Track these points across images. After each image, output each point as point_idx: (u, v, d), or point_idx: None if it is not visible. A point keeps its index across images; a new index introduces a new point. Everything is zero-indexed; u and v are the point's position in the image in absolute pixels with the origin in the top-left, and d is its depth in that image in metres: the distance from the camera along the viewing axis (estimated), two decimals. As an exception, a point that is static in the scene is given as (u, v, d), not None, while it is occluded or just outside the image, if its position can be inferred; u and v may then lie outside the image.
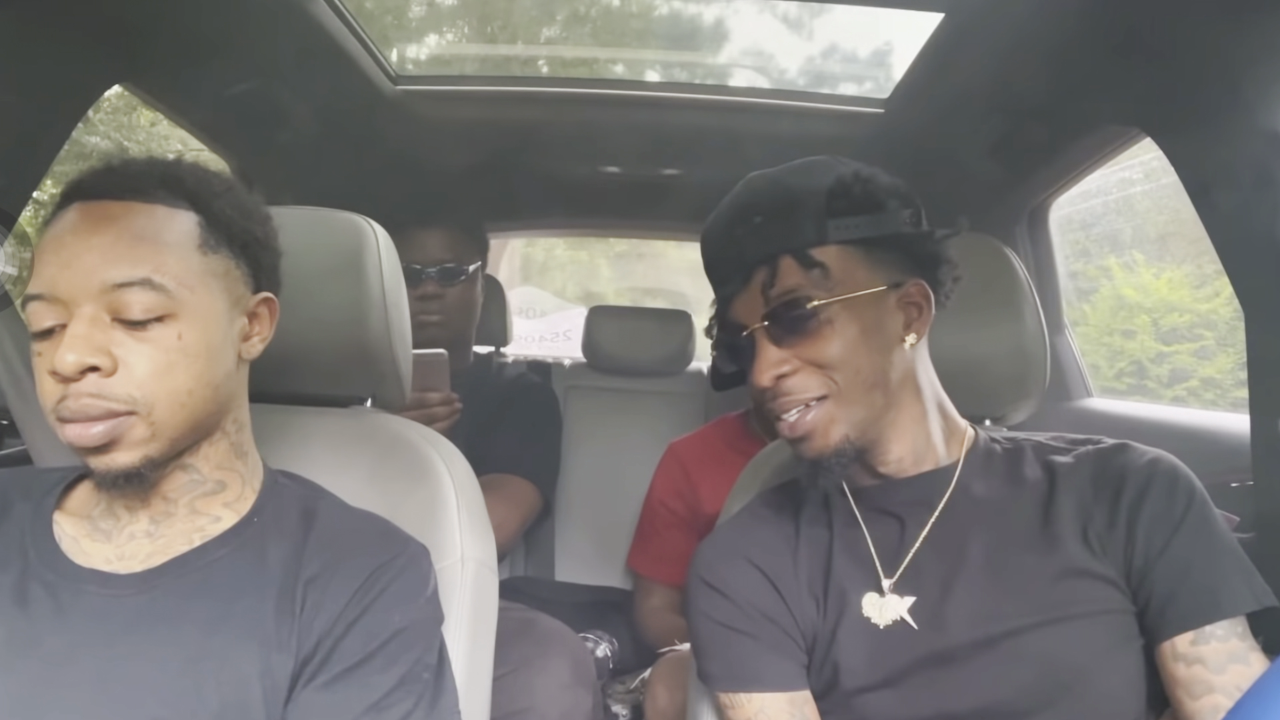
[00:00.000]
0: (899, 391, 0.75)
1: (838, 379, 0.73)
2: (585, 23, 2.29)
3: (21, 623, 0.65)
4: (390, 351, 0.90)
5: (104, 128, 4.15)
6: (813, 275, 0.73)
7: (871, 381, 0.73)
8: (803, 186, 0.76)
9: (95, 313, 0.62)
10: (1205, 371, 2.98)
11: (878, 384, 0.74)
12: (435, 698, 0.69)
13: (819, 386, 0.73)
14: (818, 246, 0.73)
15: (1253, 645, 0.68)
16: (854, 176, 0.76)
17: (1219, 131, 0.98)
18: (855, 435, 0.74)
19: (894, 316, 0.75)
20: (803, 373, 0.73)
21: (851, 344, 0.73)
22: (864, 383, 0.73)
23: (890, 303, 0.75)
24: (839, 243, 0.74)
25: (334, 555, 0.70)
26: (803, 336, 0.73)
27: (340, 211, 0.91)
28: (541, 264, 7.69)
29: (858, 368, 0.73)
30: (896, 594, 0.76)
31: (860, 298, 0.73)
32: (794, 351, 0.73)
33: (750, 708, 0.76)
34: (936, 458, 0.78)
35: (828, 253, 0.73)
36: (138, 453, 0.63)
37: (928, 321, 0.77)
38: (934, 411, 0.79)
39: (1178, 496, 0.71)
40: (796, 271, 0.73)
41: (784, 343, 0.74)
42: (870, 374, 0.73)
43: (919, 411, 0.77)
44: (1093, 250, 3.16)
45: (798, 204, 0.75)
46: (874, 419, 0.74)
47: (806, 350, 0.73)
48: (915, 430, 0.77)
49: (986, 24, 1.11)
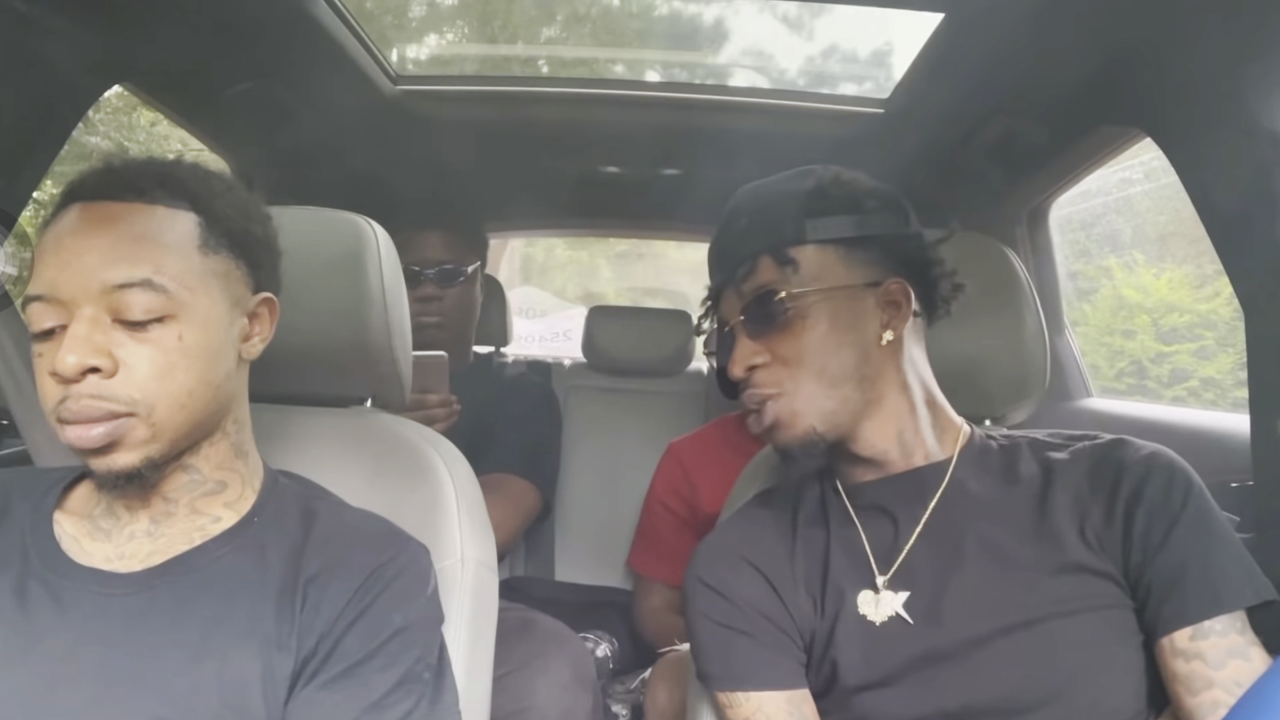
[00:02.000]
0: (877, 387, 0.77)
1: (799, 374, 0.75)
2: (585, 23, 2.29)
3: (22, 622, 0.65)
4: (390, 351, 0.90)
5: (104, 128, 4.16)
6: (786, 272, 0.76)
7: (839, 375, 0.75)
8: (785, 190, 0.80)
9: (95, 314, 0.62)
10: (1205, 371, 2.99)
11: (848, 378, 0.75)
12: (436, 697, 0.69)
13: (776, 381, 0.76)
14: (794, 246, 0.77)
15: (1252, 640, 0.67)
16: (833, 180, 0.80)
17: (1219, 132, 0.98)
18: (823, 427, 0.75)
19: (872, 314, 0.77)
20: (772, 366, 0.76)
21: (820, 338, 0.75)
22: (832, 376, 0.75)
23: (868, 301, 0.77)
24: (816, 242, 0.77)
25: (334, 554, 0.70)
26: (775, 330, 0.76)
27: (340, 211, 0.91)
28: (541, 264, 7.70)
29: (823, 362, 0.75)
30: (891, 590, 0.76)
31: (834, 294, 0.76)
32: (766, 344, 0.76)
33: (749, 706, 0.76)
34: (927, 453, 0.79)
35: (804, 252, 0.77)
36: (138, 454, 0.63)
37: (906, 319, 0.78)
38: (923, 407, 0.79)
39: (1175, 490, 0.70)
40: (772, 268, 0.77)
41: (758, 336, 0.77)
42: (839, 369, 0.75)
43: (903, 407, 0.78)
44: (1093, 250, 3.16)
45: (777, 206, 0.79)
46: (845, 412, 0.76)
47: (776, 344, 0.76)
48: (900, 425, 0.78)
49: (986, 24, 1.11)
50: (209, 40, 1.21)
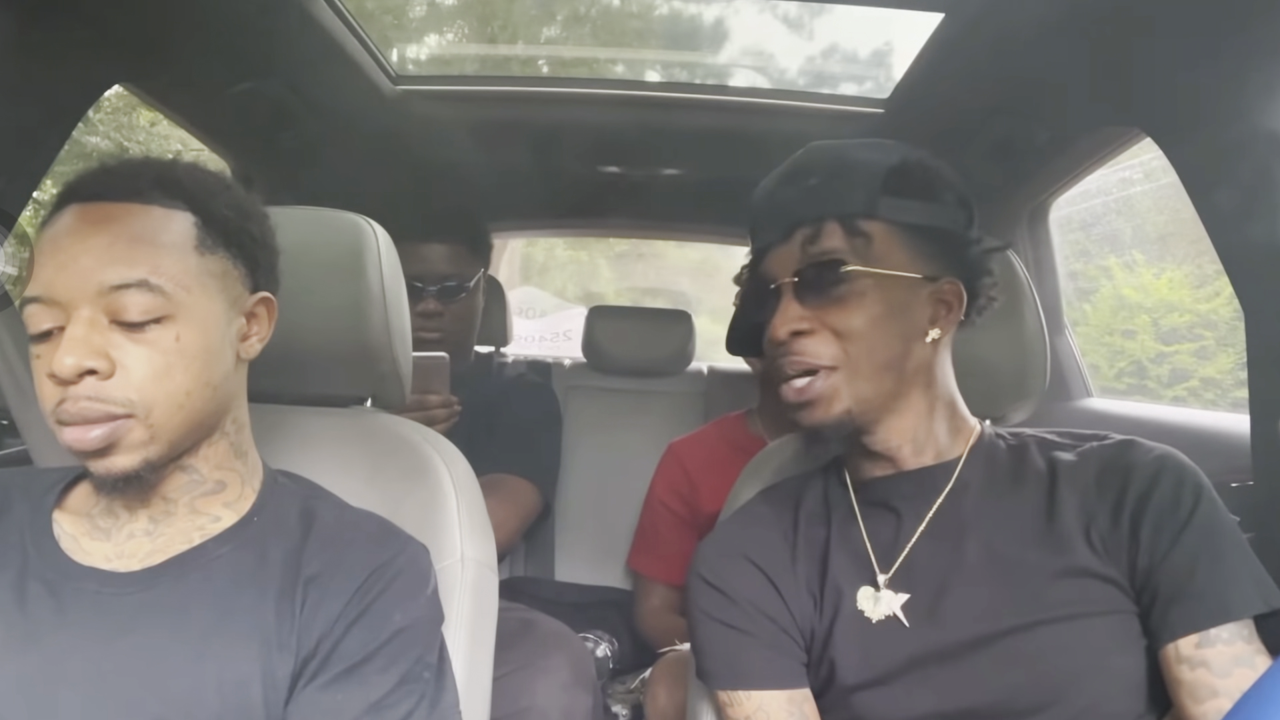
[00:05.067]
0: (911, 380, 0.75)
1: (852, 351, 0.73)
2: (585, 23, 2.29)
3: (21, 621, 0.65)
4: (390, 351, 0.90)
5: (104, 128, 4.16)
6: (855, 243, 0.73)
7: (885, 362, 0.73)
8: (863, 159, 0.76)
9: (93, 315, 0.62)
10: (1205, 371, 2.99)
11: (891, 366, 0.74)
12: (436, 697, 0.68)
13: (831, 355, 0.73)
14: (865, 218, 0.73)
15: (1259, 648, 0.66)
16: (917, 162, 0.76)
17: (1219, 131, 0.98)
18: (857, 411, 0.74)
19: (923, 308, 0.75)
20: (819, 336, 0.73)
21: (874, 320, 0.73)
22: (877, 362, 0.73)
23: (923, 294, 0.75)
24: (887, 220, 0.74)
25: (334, 554, 0.70)
26: (829, 300, 0.73)
27: (340, 211, 0.91)
28: (541, 264, 7.70)
29: (874, 345, 0.73)
30: (891, 590, 0.76)
31: (894, 278, 0.73)
32: (816, 313, 0.73)
33: (749, 705, 0.76)
34: (938, 452, 0.78)
35: (873, 226, 0.74)
36: (137, 456, 0.63)
37: (954, 322, 0.77)
38: (942, 408, 0.78)
39: (1184, 494, 0.69)
40: (839, 235, 0.73)
41: (809, 302, 0.74)
42: (885, 355, 0.73)
43: (926, 405, 0.77)
44: (1093, 250, 3.16)
45: (854, 172, 0.75)
46: (879, 400, 0.74)
47: (829, 314, 0.73)
48: (918, 422, 0.77)
49: (986, 24, 1.11)
50: (209, 40, 1.22)
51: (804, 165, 0.78)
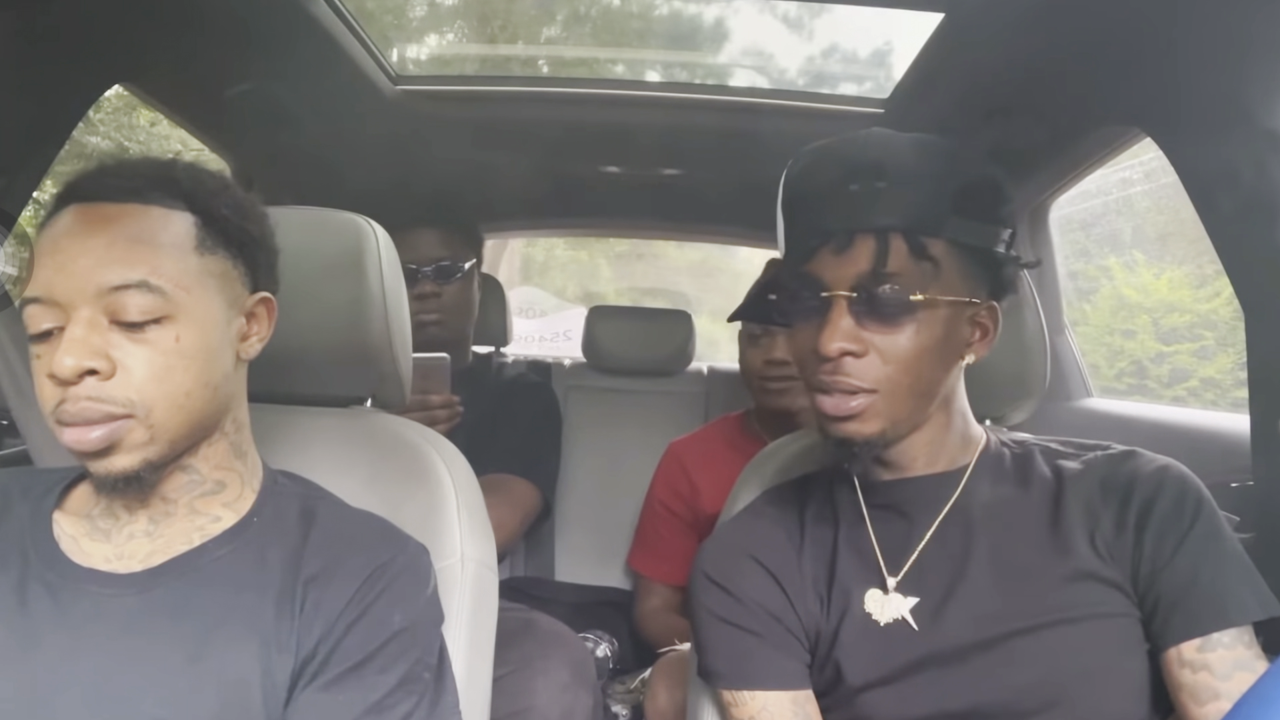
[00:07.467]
0: (939, 400, 0.75)
1: (895, 376, 0.70)
2: (585, 23, 2.30)
3: (21, 622, 0.65)
4: (390, 352, 0.90)
5: (104, 128, 4.16)
6: (922, 267, 0.69)
7: (927, 388, 0.72)
8: (931, 170, 0.71)
9: (92, 315, 0.62)
10: (1205, 371, 2.99)
11: (930, 393, 0.73)
12: (436, 698, 0.69)
13: (875, 379, 0.70)
14: (933, 237, 0.69)
15: (1259, 654, 0.68)
16: (983, 177, 0.72)
17: (1219, 131, 0.98)
18: (890, 432, 0.73)
19: (963, 331, 0.73)
20: (868, 360, 0.70)
21: (926, 348, 0.70)
22: (919, 388, 0.72)
23: (964, 316, 0.73)
24: (951, 241, 0.70)
25: (334, 555, 0.70)
26: (886, 324, 0.70)
27: (340, 211, 0.91)
28: (541, 264, 7.71)
29: (920, 372, 0.71)
30: (900, 593, 0.76)
31: (952, 306, 0.71)
32: (870, 334, 0.70)
33: (753, 705, 0.76)
34: (949, 459, 0.78)
35: (938, 247, 0.69)
36: (136, 456, 0.63)
37: (989, 345, 0.75)
38: (957, 420, 0.79)
39: (1186, 505, 0.71)
40: (906, 257, 0.69)
41: (864, 323, 0.70)
42: (928, 381, 0.72)
43: (945, 419, 0.77)
44: (1093, 250, 3.16)
45: (923, 184, 0.70)
46: (910, 422, 0.74)
47: (883, 338, 0.70)
48: (935, 435, 0.77)
49: (986, 24, 1.11)
50: (209, 40, 1.21)
51: (869, 161, 0.71)
